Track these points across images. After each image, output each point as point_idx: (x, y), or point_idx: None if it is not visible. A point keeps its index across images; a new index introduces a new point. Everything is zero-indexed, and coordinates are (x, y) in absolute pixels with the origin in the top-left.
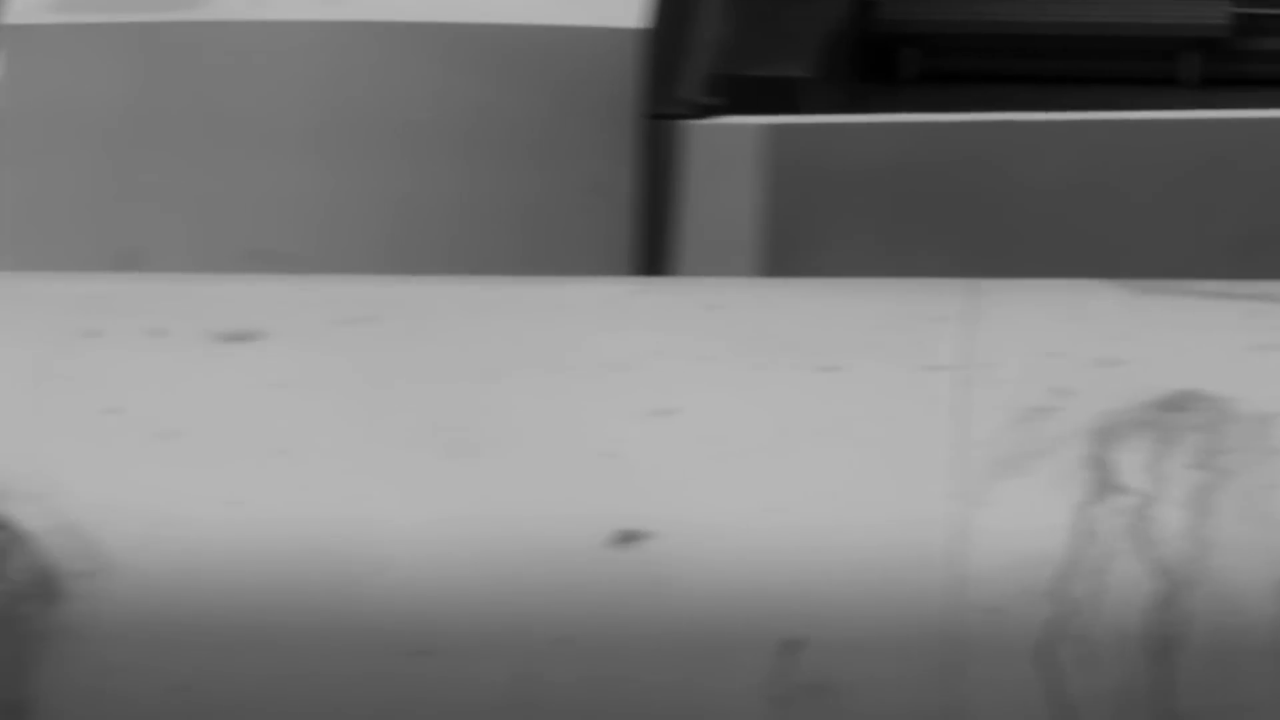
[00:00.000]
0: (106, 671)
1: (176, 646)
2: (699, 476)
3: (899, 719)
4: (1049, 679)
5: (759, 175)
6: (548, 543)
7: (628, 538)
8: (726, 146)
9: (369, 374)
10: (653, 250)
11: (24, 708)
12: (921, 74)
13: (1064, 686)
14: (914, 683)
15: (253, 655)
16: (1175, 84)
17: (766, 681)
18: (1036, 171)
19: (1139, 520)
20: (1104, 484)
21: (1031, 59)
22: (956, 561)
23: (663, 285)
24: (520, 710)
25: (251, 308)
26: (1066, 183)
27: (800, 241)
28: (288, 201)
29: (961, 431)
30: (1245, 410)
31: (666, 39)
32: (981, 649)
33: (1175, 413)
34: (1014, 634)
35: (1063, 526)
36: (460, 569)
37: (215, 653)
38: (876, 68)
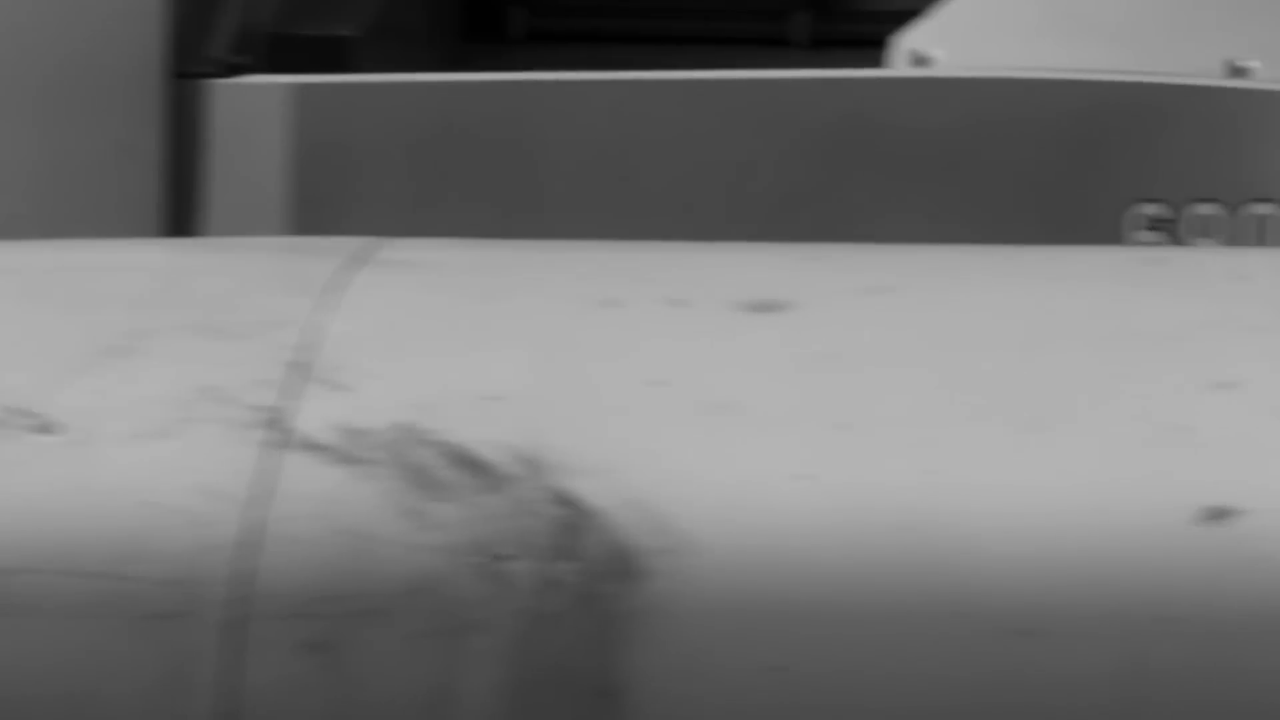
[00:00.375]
0: (699, 652)
1: (767, 625)
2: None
3: None
4: None
5: (286, 135)
6: (1134, 519)
7: (1217, 514)
8: (253, 106)
9: (907, 345)
10: (180, 210)
11: (615, 690)
12: (530, 34)
13: None
14: None
15: (846, 633)
16: (786, 45)
17: None
18: (569, 133)
19: None
20: None
21: (643, 19)
22: None
23: (1174, 254)
24: (1128, 690)
25: (766, 277)
26: (599, 144)
27: (329, 202)
28: None
29: None
30: None
31: None
32: None
33: None
34: None
35: None
36: (1050, 545)
37: (807, 630)
38: (484, 27)
